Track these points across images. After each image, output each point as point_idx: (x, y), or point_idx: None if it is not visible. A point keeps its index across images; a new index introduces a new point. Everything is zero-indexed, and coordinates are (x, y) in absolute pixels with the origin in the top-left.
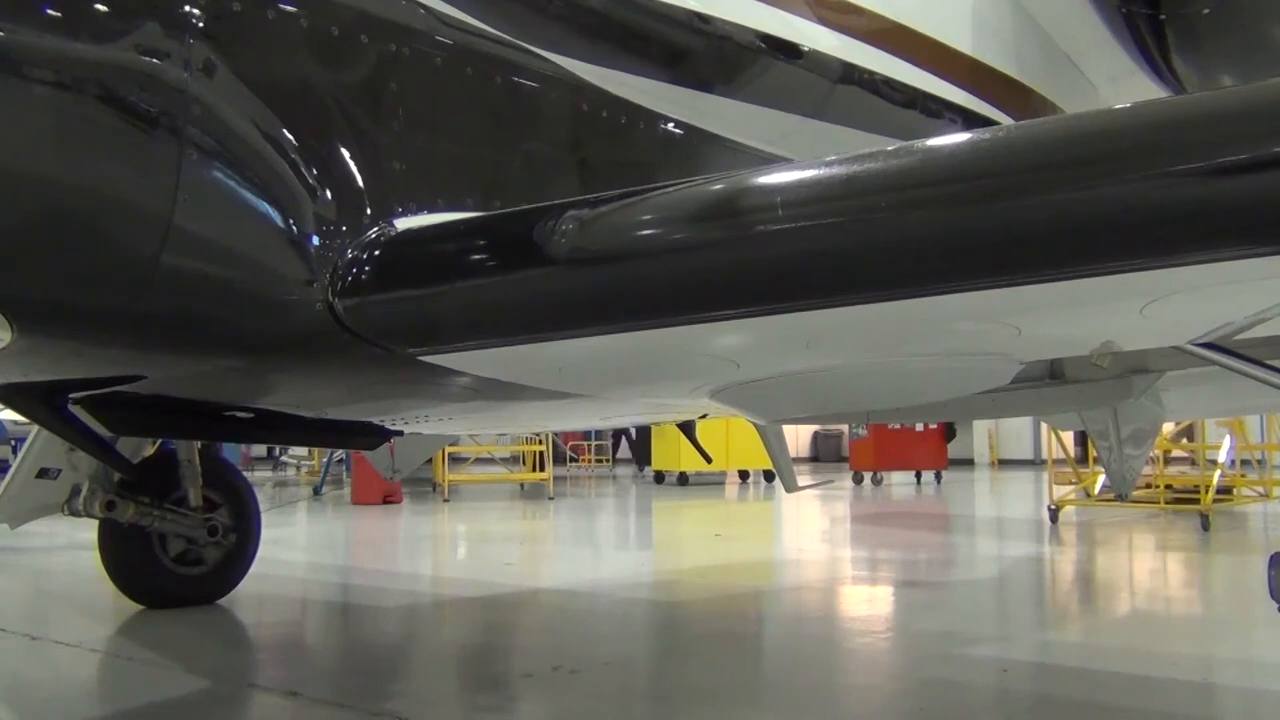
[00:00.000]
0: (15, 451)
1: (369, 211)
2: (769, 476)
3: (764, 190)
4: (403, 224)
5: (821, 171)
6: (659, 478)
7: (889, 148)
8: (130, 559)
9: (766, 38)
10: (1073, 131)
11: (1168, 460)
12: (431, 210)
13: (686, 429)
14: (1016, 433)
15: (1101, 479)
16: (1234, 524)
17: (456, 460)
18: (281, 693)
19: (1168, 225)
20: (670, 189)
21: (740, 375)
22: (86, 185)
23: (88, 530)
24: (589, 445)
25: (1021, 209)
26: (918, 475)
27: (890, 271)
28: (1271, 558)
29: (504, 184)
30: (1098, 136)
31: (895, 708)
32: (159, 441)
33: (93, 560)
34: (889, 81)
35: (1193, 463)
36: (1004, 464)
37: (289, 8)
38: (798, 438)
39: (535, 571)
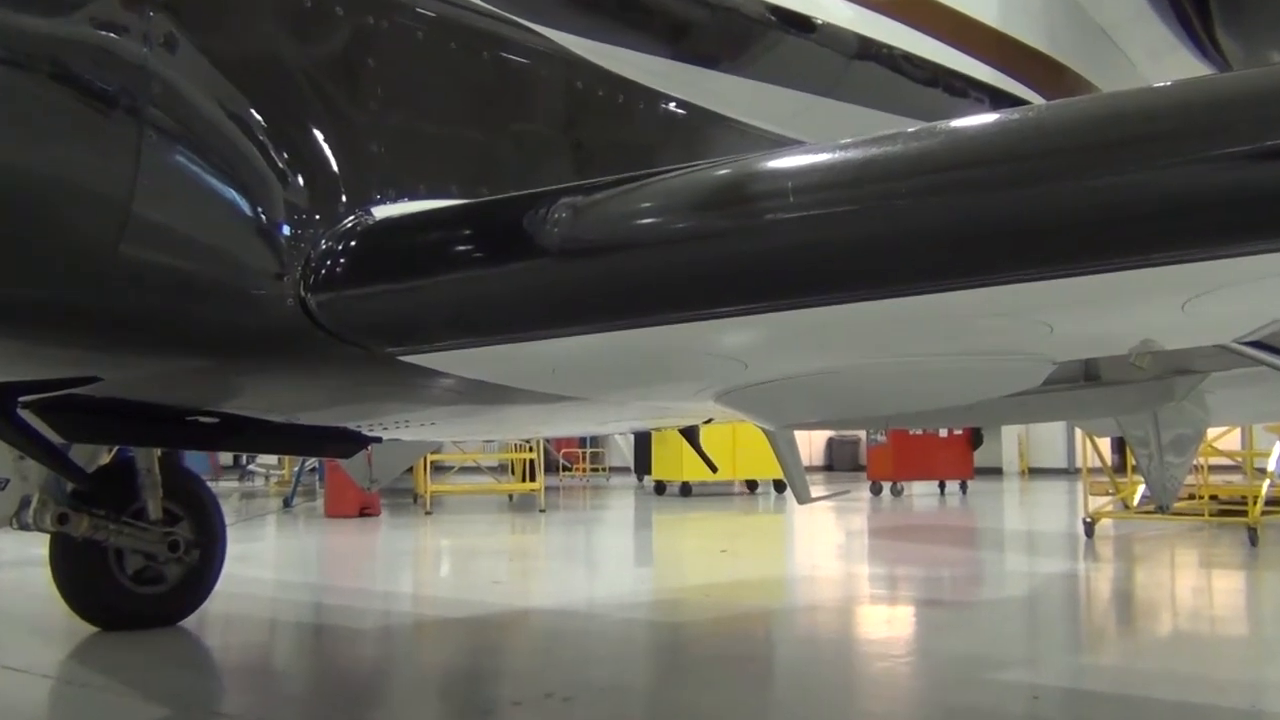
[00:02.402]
0: None
1: (345, 198)
2: (779, 487)
3: (774, 175)
4: (381, 212)
5: (836, 155)
6: (659, 488)
7: (909, 129)
8: (84, 576)
9: (776, 9)
10: (1109, 112)
11: (1212, 469)
12: (413, 197)
13: (690, 435)
14: (1049, 439)
15: (1141, 489)
16: None
17: (440, 469)
18: None
19: (1212, 213)
20: (672, 174)
21: (748, 377)
22: (37, 170)
23: (38, 545)
24: (584, 453)
25: (1053, 196)
26: (941, 485)
27: (911, 264)
28: None
29: (492, 169)
30: (1136, 117)
31: None
32: (115, 449)
33: (43, 578)
34: (909, 57)
35: (1240, 472)
36: (1035, 473)
37: None
38: (811, 444)
39: (525, 590)
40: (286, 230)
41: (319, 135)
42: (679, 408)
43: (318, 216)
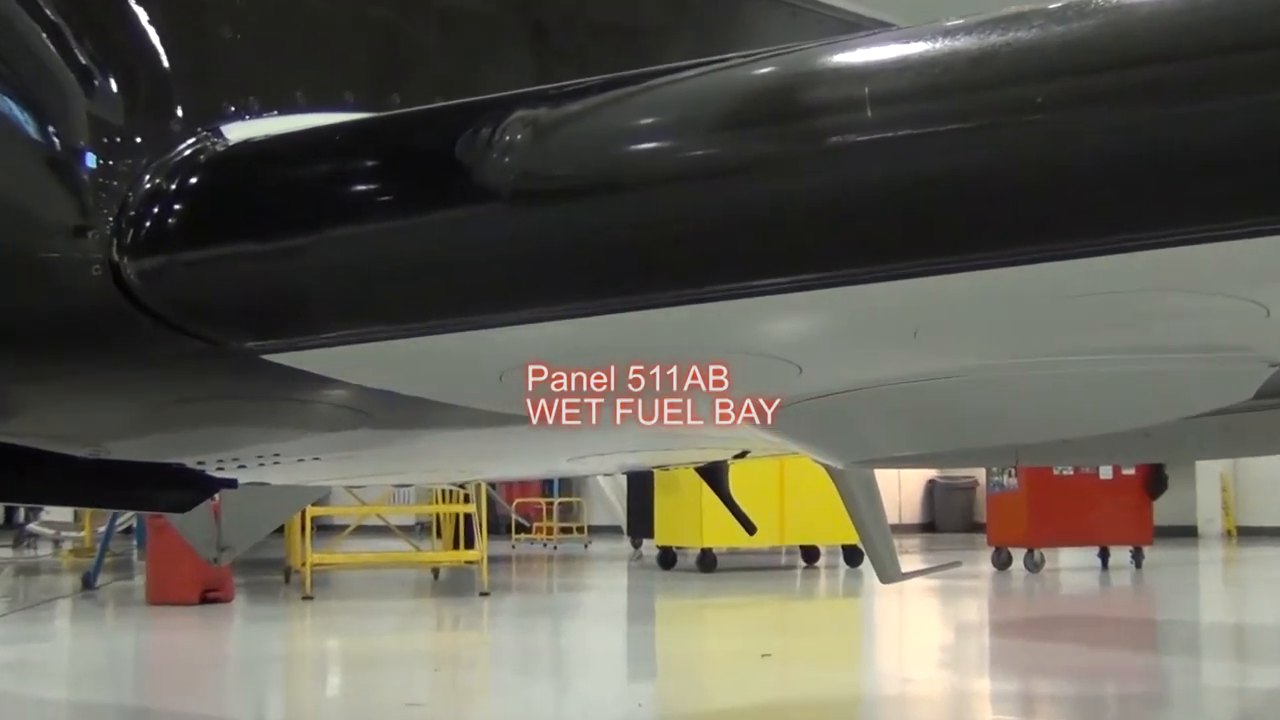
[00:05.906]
0: None
1: (181, 111)
2: (853, 558)
3: (842, 75)
4: (238, 131)
5: (936, 45)
6: (666, 558)
7: (1050, 6)
8: None
9: None
10: None
11: None
12: (287, 110)
13: (713, 478)
14: (1268, 483)
15: None
16: None
17: (326, 530)
18: None
19: None
20: (686, 75)
21: (803, 386)
22: None
23: None
24: (549, 505)
25: (1263, 106)
26: (1103, 554)
27: (1051, 210)
28: None
29: (407, 66)
30: None
31: None
32: None
33: None
34: None
35: None
36: (1247, 534)
37: None
38: (901, 491)
39: (458, 717)
40: (91, 160)
41: (142, 14)
42: (696, 433)
43: (139, 139)
